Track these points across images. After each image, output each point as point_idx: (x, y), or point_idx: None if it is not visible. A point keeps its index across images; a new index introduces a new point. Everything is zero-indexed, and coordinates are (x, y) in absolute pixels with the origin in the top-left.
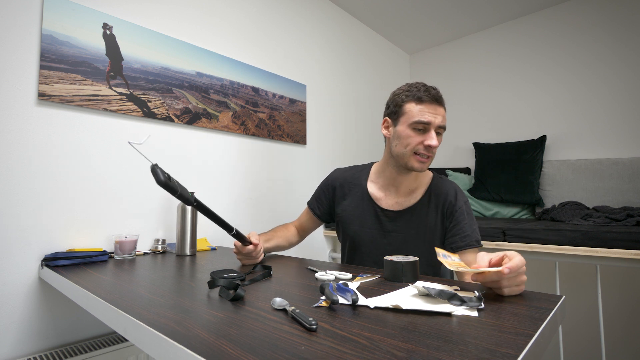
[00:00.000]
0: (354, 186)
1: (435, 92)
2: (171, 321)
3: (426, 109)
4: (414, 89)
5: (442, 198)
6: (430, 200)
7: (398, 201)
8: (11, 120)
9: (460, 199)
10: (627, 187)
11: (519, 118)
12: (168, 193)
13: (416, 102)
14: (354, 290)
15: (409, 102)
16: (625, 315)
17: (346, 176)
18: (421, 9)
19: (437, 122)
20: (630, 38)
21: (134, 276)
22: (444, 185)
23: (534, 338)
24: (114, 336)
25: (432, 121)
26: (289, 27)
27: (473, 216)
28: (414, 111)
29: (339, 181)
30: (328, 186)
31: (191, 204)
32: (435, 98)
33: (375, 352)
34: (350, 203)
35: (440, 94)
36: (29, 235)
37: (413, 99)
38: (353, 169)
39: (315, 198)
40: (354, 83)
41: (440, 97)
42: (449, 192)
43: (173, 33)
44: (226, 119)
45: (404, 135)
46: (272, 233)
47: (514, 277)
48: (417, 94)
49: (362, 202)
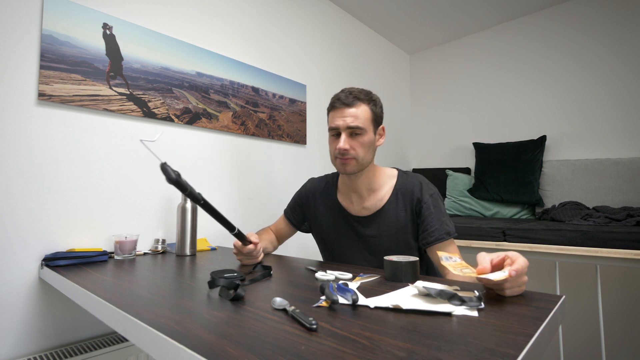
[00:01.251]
0: (325, 196)
1: (345, 96)
2: (171, 321)
3: (336, 114)
4: (333, 97)
5: (409, 195)
6: (397, 199)
7: (365, 206)
8: (11, 120)
9: (425, 193)
10: (627, 187)
11: (519, 118)
12: (168, 193)
13: (330, 110)
14: (354, 290)
15: (329, 112)
16: (625, 315)
17: (318, 187)
18: (421, 9)
19: (347, 123)
20: (630, 38)
21: (134, 276)
22: (409, 181)
23: (534, 338)
24: (114, 336)
25: (340, 124)
26: (289, 27)
27: (441, 207)
28: (330, 119)
29: (311, 192)
30: (302, 197)
31: (199, 203)
32: (344, 102)
33: (375, 352)
34: (323, 214)
35: (353, 94)
36: (29, 235)
37: (330, 109)
38: (325, 179)
39: (291, 208)
40: (354, 83)
41: (353, 98)
42: (414, 188)
43: (173, 33)
44: (226, 119)
45: (329, 143)
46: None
47: (515, 278)
48: (332, 101)
49: (334, 211)
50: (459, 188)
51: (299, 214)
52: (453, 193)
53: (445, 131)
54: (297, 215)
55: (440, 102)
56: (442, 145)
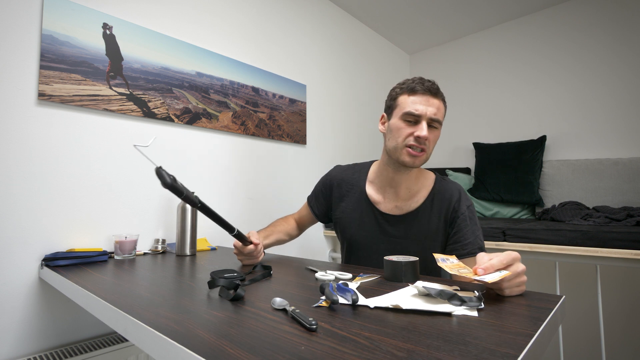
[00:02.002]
0: (351, 187)
1: (430, 84)
2: (171, 321)
3: (418, 99)
4: (409, 81)
5: (446, 202)
6: (433, 205)
7: (398, 205)
8: (11, 120)
9: (463, 204)
10: (627, 187)
11: (519, 118)
12: (168, 193)
13: (409, 93)
14: (354, 290)
15: (403, 94)
16: (625, 315)
17: (344, 176)
18: (421, 9)
19: (429, 113)
20: (630, 38)
21: (134, 276)
22: (448, 188)
23: (534, 338)
24: (114, 336)
25: (423, 112)
26: (289, 26)
27: (477, 221)
28: (406, 102)
29: (336, 180)
30: (326, 185)
31: (196, 206)
32: (429, 89)
33: (375, 352)
34: (348, 205)
35: (436, 86)
36: (29, 235)
37: (406, 91)
38: (353, 168)
39: (315, 196)
40: (354, 83)
41: (436, 89)
42: (452, 196)
43: (173, 33)
44: (226, 119)
45: (395, 128)
46: (272, 228)
47: (514, 278)
48: (411, 85)
49: (360, 204)
50: None
51: (322, 202)
52: None
53: (445, 131)
54: (321, 204)
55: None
56: (442, 145)
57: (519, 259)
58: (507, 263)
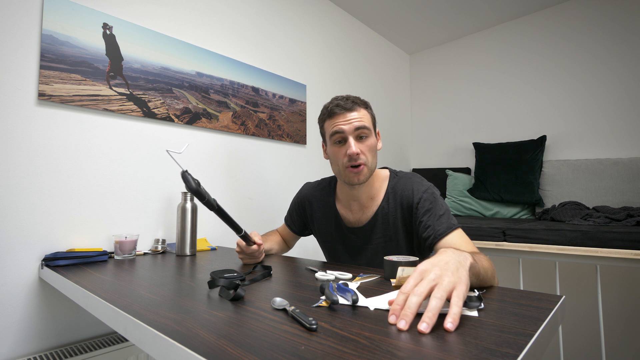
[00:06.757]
0: (323, 203)
1: (344, 102)
2: (171, 321)
3: (337, 120)
4: (327, 106)
5: (399, 197)
6: (389, 204)
7: (359, 217)
8: (11, 120)
9: (417, 193)
10: (627, 187)
11: (519, 118)
12: (168, 193)
13: (329, 118)
14: (354, 290)
15: (325, 120)
16: (625, 315)
17: (315, 193)
18: (421, 9)
19: (353, 127)
20: (629, 38)
21: (134, 276)
22: (400, 182)
23: (534, 338)
24: (114, 336)
25: (346, 129)
26: (289, 27)
27: (438, 202)
28: (330, 126)
29: (307, 199)
30: (299, 205)
31: (214, 209)
32: (344, 107)
33: (376, 352)
34: (321, 221)
35: (351, 99)
36: (29, 235)
37: (327, 117)
38: (321, 184)
39: (290, 216)
40: (354, 83)
41: (351, 103)
42: (404, 189)
43: (173, 33)
44: (226, 119)
45: (332, 153)
46: (266, 237)
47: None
48: (329, 109)
49: (331, 220)
50: (459, 188)
51: (298, 221)
52: (453, 193)
53: (445, 131)
54: (297, 223)
55: (440, 102)
56: (442, 145)
57: (424, 271)
58: (416, 284)
